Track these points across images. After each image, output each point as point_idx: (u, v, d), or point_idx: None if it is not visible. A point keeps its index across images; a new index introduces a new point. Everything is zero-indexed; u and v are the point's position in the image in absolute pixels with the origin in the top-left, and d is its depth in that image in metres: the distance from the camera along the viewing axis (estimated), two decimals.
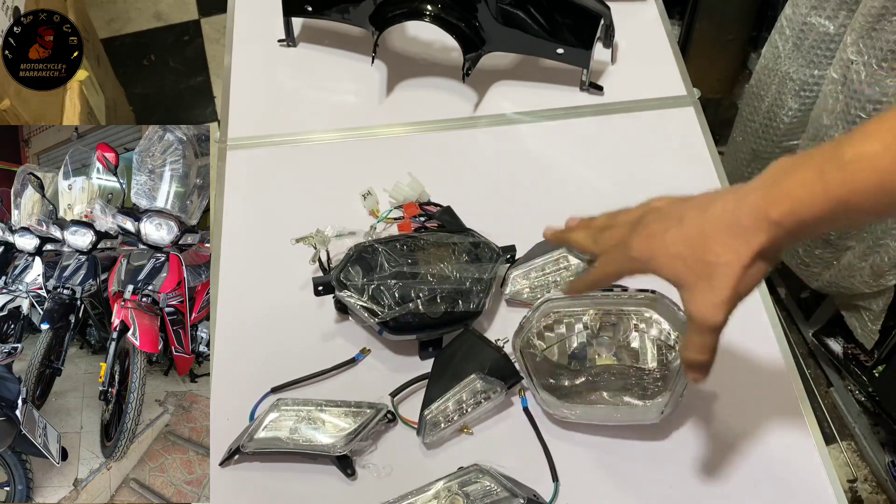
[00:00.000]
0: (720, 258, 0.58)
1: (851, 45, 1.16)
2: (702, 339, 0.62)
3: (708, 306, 0.60)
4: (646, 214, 0.66)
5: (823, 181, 0.55)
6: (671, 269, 0.61)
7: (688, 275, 0.60)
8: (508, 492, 0.78)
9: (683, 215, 0.62)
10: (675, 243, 0.61)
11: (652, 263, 0.63)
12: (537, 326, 0.83)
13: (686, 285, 0.61)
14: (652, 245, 0.63)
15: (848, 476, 1.70)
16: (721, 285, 0.59)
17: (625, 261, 0.65)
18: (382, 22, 1.09)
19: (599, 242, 0.69)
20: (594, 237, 0.70)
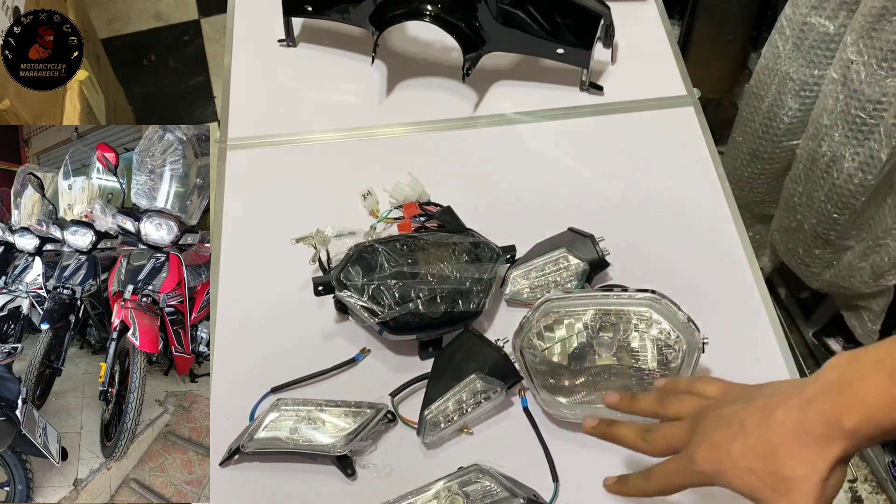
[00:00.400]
0: (795, 472, 0.56)
1: (851, 45, 1.16)
2: None
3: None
4: (703, 415, 0.63)
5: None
6: (745, 483, 0.58)
7: (763, 489, 0.57)
8: (508, 492, 0.78)
9: (745, 422, 0.59)
10: (744, 456, 0.58)
11: (721, 479, 0.60)
12: (537, 326, 0.83)
13: (763, 500, 0.58)
14: (719, 457, 0.59)
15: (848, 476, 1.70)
16: (801, 500, 0.55)
17: (692, 475, 0.61)
18: (382, 22, 1.09)
19: (651, 443, 0.67)
20: (645, 437, 0.67)
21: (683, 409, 0.67)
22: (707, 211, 1.05)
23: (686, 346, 0.79)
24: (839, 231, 1.37)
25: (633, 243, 0.99)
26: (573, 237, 0.94)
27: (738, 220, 1.03)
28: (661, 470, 0.65)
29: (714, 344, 0.81)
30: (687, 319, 0.79)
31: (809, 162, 1.35)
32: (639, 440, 0.68)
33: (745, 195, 1.61)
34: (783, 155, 1.47)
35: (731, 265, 0.99)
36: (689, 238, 1.02)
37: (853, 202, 1.29)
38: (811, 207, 1.39)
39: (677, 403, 0.68)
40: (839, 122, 1.23)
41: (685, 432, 0.64)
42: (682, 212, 1.04)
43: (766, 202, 1.62)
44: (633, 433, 0.69)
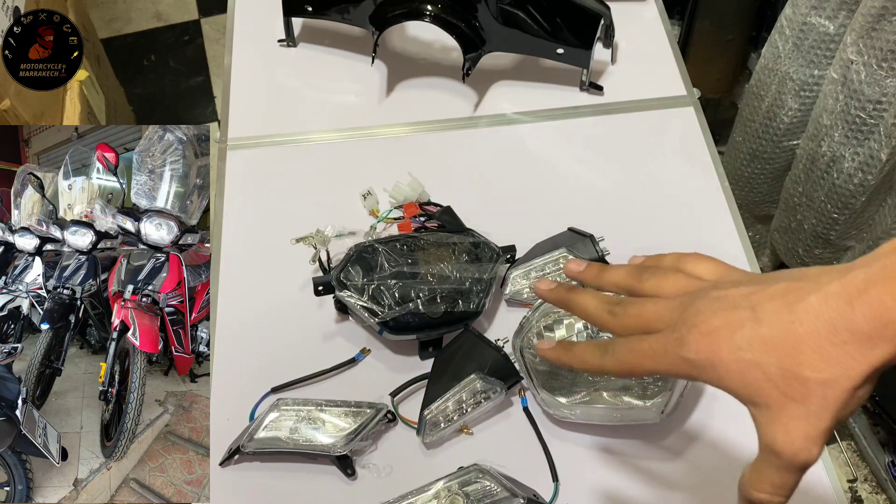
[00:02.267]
0: (820, 373, 0.44)
1: (851, 45, 1.16)
2: (781, 478, 0.46)
3: (800, 437, 0.45)
4: (700, 295, 0.50)
5: None
6: (745, 381, 0.46)
7: (770, 391, 0.45)
8: (508, 492, 0.78)
9: (759, 307, 0.47)
10: (751, 346, 0.46)
11: (713, 371, 0.47)
12: (537, 326, 0.83)
13: (766, 405, 0.46)
14: (717, 345, 0.47)
15: (848, 476, 1.70)
16: (819, 409, 0.44)
17: (672, 359, 0.49)
18: (382, 22, 1.09)
19: (621, 318, 0.53)
20: (612, 309, 0.54)
21: (666, 287, 0.53)
22: (707, 211, 1.05)
23: None
24: (839, 231, 1.37)
25: (633, 243, 0.98)
26: (573, 237, 0.94)
27: (738, 220, 1.03)
28: (630, 346, 0.51)
29: None
30: None
31: (809, 162, 1.35)
32: (603, 312, 0.54)
33: (745, 195, 1.61)
34: (783, 155, 1.47)
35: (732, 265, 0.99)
36: (689, 238, 1.02)
37: (853, 202, 1.29)
38: (811, 207, 1.40)
39: (659, 279, 0.54)
40: (839, 122, 1.23)
41: (669, 311, 0.50)
42: (682, 212, 1.04)
43: (766, 202, 1.62)
44: (596, 302, 0.55)
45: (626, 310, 0.53)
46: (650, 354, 0.50)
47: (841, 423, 0.45)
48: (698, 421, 0.87)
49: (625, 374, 0.53)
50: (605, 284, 0.58)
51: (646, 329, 0.51)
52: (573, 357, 0.56)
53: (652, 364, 0.50)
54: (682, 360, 0.48)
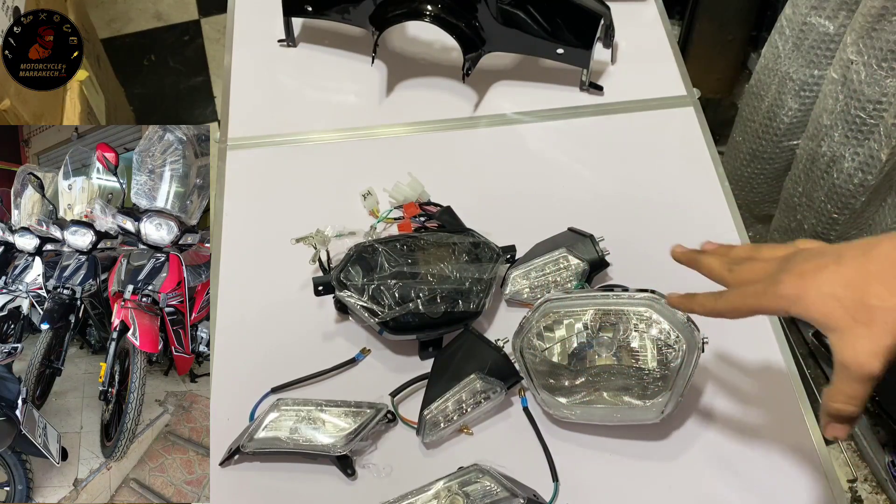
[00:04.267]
0: (885, 302, 0.54)
1: (851, 45, 1.16)
2: (852, 388, 0.56)
3: (864, 353, 0.54)
4: (797, 253, 0.62)
5: None
6: (823, 309, 0.56)
7: (843, 317, 0.55)
8: (508, 492, 0.78)
9: (843, 254, 0.58)
10: (831, 282, 0.56)
11: (801, 303, 0.58)
12: (537, 326, 0.83)
13: (840, 328, 0.56)
14: (804, 283, 0.58)
15: (848, 476, 1.70)
16: (881, 331, 0.54)
17: (770, 297, 0.60)
18: (382, 22, 1.09)
19: (737, 273, 0.65)
20: (730, 266, 0.66)
21: (778, 252, 0.64)
22: (707, 211, 1.05)
23: (686, 345, 0.79)
24: (839, 231, 1.37)
25: (633, 243, 0.99)
26: (573, 237, 0.94)
27: (738, 220, 1.03)
28: (740, 291, 0.64)
29: (714, 343, 0.81)
30: (686, 319, 0.79)
31: (809, 162, 1.35)
32: (724, 269, 0.67)
33: (745, 195, 1.61)
34: (783, 155, 1.47)
35: None
36: (689, 238, 1.01)
37: (853, 202, 1.29)
38: (811, 207, 1.40)
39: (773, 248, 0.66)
40: (839, 122, 1.23)
41: (774, 265, 0.62)
42: (682, 212, 1.04)
43: (766, 202, 1.62)
44: (719, 263, 0.67)
45: (742, 267, 0.65)
46: (754, 294, 0.62)
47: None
48: (698, 421, 0.87)
49: (733, 312, 0.64)
50: (732, 254, 0.69)
51: (755, 281, 0.63)
52: (694, 303, 0.69)
53: (754, 301, 0.62)
54: (778, 296, 0.59)
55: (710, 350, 0.80)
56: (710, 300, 0.66)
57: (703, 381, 0.89)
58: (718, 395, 0.89)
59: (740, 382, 0.89)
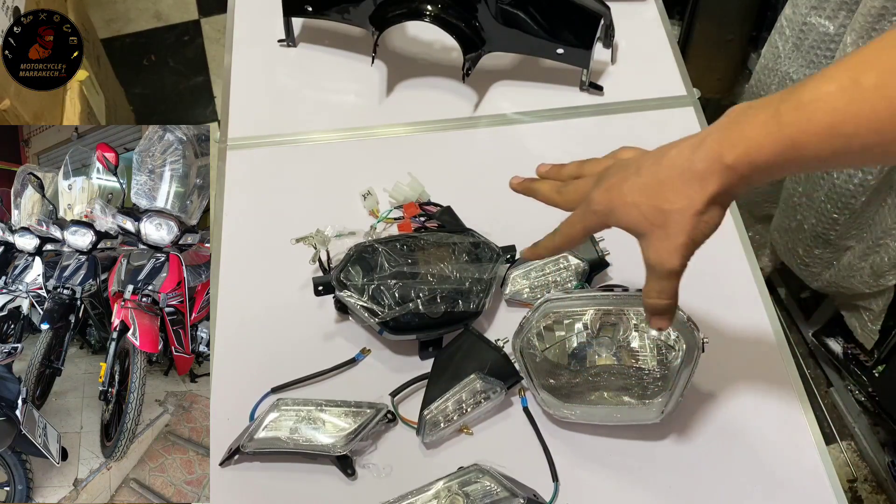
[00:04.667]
0: (674, 205, 0.59)
1: (851, 45, 1.16)
2: (660, 284, 0.63)
3: (664, 252, 0.61)
4: (609, 168, 0.67)
5: (779, 122, 0.54)
6: (628, 218, 0.62)
7: (643, 223, 0.61)
8: (508, 492, 0.78)
9: (641, 164, 0.63)
10: (632, 192, 0.62)
11: (612, 216, 0.63)
12: (537, 326, 0.82)
13: (643, 233, 0.62)
14: (611, 196, 0.63)
15: (848, 476, 1.70)
16: (675, 231, 0.59)
17: (589, 216, 0.65)
18: (382, 22, 1.09)
19: (564, 194, 0.70)
20: (559, 189, 0.71)
21: (598, 168, 0.69)
22: None
23: (686, 345, 0.79)
24: (839, 231, 1.37)
25: (633, 243, 0.98)
26: None
27: (738, 219, 1.03)
28: (565, 221, 0.68)
29: (714, 344, 0.81)
30: (687, 319, 0.79)
31: None
32: (555, 193, 0.71)
33: (745, 195, 1.61)
34: None
35: (731, 265, 0.99)
36: None
37: (853, 202, 1.29)
38: (811, 207, 1.40)
39: (594, 164, 0.70)
40: None
41: (592, 182, 0.67)
42: None
43: (766, 202, 1.62)
44: (550, 187, 0.72)
45: (568, 187, 0.70)
46: (578, 217, 0.67)
47: (698, 242, 0.61)
48: (698, 421, 0.87)
49: (570, 242, 0.70)
50: (562, 173, 0.73)
51: (581, 201, 0.67)
52: (539, 248, 0.73)
53: (580, 224, 0.67)
54: (592, 213, 0.65)
55: (710, 350, 0.80)
56: (549, 239, 0.71)
57: (703, 381, 0.89)
58: (718, 395, 0.89)
59: (740, 382, 0.89)
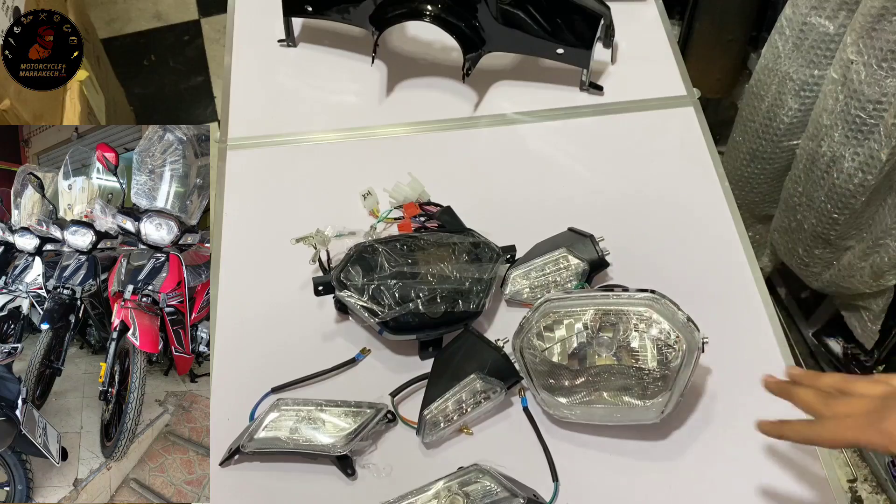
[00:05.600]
0: None
1: (851, 45, 1.16)
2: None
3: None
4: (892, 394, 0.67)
5: None
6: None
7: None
8: (508, 492, 0.78)
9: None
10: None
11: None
12: (537, 326, 0.82)
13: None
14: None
15: (848, 476, 1.70)
16: None
17: (874, 433, 0.65)
18: (382, 22, 1.09)
19: (831, 407, 0.69)
20: (825, 401, 0.70)
21: (872, 391, 0.69)
22: (707, 211, 1.05)
23: (686, 345, 0.79)
24: (839, 231, 1.37)
25: (633, 243, 0.99)
26: (573, 237, 0.94)
27: (738, 220, 1.03)
28: (838, 421, 0.67)
29: (714, 344, 0.81)
30: (687, 319, 0.79)
31: (809, 162, 1.35)
32: (820, 403, 0.70)
33: (745, 195, 1.61)
34: (783, 155, 1.47)
35: (731, 265, 0.99)
36: (689, 238, 1.02)
37: (853, 202, 1.29)
38: (811, 207, 1.39)
39: (866, 385, 0.70)
40: (839, 122, 1.23)
41: (873, 405, 0.66)
42: (682, 212, 1.04)
43: (766, 202, 1.62)
44: (814, 396, 0.71)
45: (837, 402, 0.70)
46: (856, 427, 0.66)
47: None
48: (698, 421, 0.87)
49: (833, 442, 0.69)
50: (820, 383, 0.73)
51: (853, 415, 0.68)
52: (789, 430, 0.72)
53: (856, 434, 0.66)
54: (881, 432, 0.64)
55: (710, 350, 0.80)
56: (806, 428, 0.70)
57: (703, 381, 0.89)
58: (718, 395, 0.89)
59: (740, 382, 0.89)
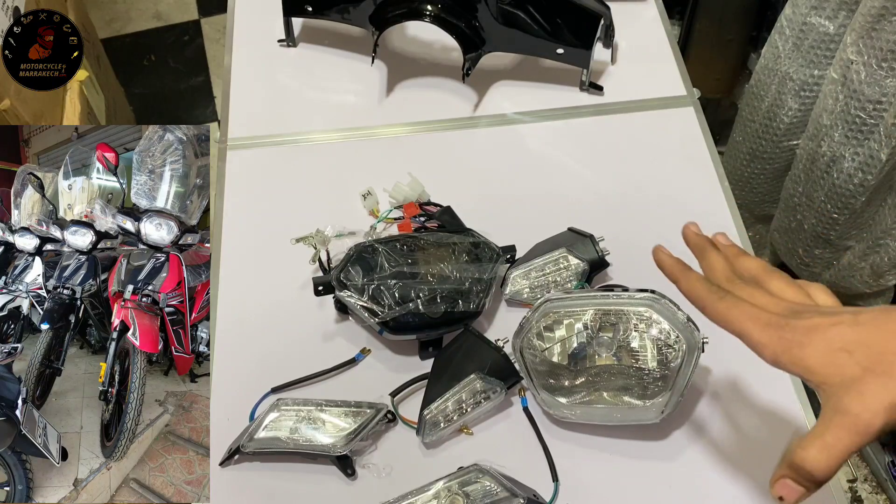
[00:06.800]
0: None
1: (851, 45, 1.16)
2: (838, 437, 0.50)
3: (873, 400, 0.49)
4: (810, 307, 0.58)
5: None
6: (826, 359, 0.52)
7: (853, 368, 0.50)
8: (508, 492, 0.78)
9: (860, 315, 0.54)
10: (843, 337, 0.52)
11: (803, 350, 0.53)
12: (537, 326, 0.82)
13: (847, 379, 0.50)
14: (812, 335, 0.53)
15: (848, 476, 1.70)
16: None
17: (771, 333, 0.55)
18: (382, 22, 1.09)
19: (736, 285, 0.61)
20: (732, 277, 0.62)
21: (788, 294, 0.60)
22: (707, 211, 1.05)
23: (686, 345, 0.79)
24: (839, 231, 1.37)
25: (633, 243, 0.98)
26: (573, 237, 0.94)
27: (738, 220, 1.03)
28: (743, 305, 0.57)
29: (714, 343, 0.81)
30: (687, 319, 0.79)
31: (809, 162, 1.35)
32: (724, 277, 0.62)
33: (745, 195, 1.61)
34: (783, 155, 1.47)
35: None
36: None
37: (853, 202, 1.29)
38: (811, 207, 1.40)
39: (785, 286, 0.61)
40: (839, 122, 1.23)
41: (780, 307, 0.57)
42: (682, 212, 1.04)
43: (766, 202, 1.62)
44: (723, 267, 0.63)
45: (745, 287, 0.60)
46: (754, 317, 0.56)
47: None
48: (698, 421, 0.87)
49: (722, 319, 0.58)
50: (738, 264, 0.64)
51: (752, 305, 0.57)
52: (686, 277, 0.63)
53: (753, 327, 0.56)
54: (780, 337, 0.54)
55: (710, 350, 0.80)
56: (704, 289, 0.61)
57: (703, 381, 0.89)
58: (718, 394, 0.89)
59: (740, 382, 0.89)
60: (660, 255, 0.67)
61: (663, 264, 0.67)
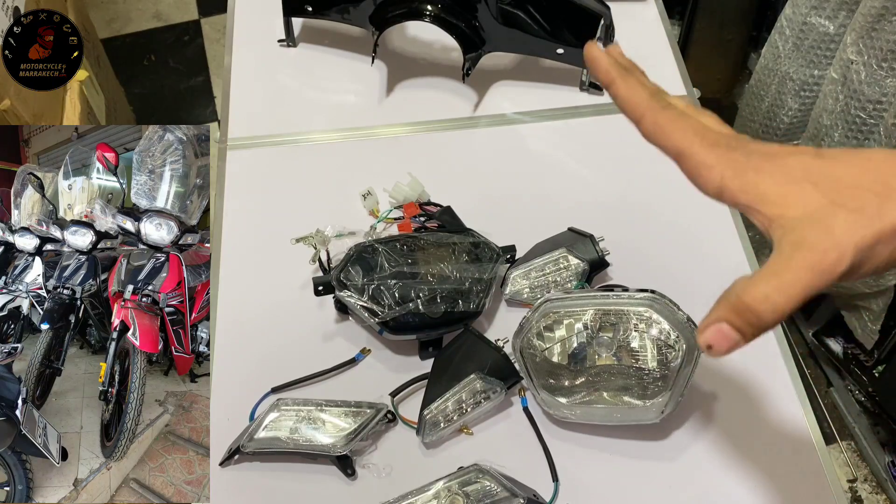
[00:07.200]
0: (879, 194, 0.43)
1: (851, 45, 1.16)
2: (801, 282, 0.43)
3: (842, 234, 0.42)
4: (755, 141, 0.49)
5: None
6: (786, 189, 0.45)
7: (817, 200, 0.43)
8: (508, 492, 0.78)
9: (821, 149, 0.47)
10: (806, 167, 0.45)
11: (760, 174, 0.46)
12: (537, 327, 0.83)
13: (809, 214, 0.43)
14: (772, 161, 0.46)
15: (848, 476, 1.70)
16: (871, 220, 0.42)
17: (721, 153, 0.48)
18: (382, 22, 1.09)
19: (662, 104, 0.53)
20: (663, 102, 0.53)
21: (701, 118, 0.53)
22: (707, 211, 1.04)
23: (686, 345, 0.79)
24: None
25: (633, 243, 0.99)
26: (573, 237, 0.94)
27: (738, 220, 1.03)
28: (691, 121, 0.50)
29: None
30: (687, 319, 0.79)
31: None
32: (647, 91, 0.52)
33: None
34: None
35: (731, 265, 0.99)
36: (689, 238, 1.02)
37: None
38: None
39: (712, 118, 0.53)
40: (839, 122, 1.23)
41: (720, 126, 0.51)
42: (682, 212, 1.04)
43: None
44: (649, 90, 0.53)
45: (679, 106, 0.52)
46: (699, 133, 0.49)
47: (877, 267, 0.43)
48: (698, 421, 0.87)
49: (660, 133, 0.51)
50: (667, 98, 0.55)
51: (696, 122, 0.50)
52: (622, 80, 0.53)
53: (693, 138, 0.49)
54: (732, 160, 0.47)
55: None
56: (646, 95, 0.52)
57: (703, 381, 0.89)
58: (718, 395, 0.89)
59: (740, 382, 0.89)
60: (593, 51, 0.54)
61: (597, 62, 0.54)
